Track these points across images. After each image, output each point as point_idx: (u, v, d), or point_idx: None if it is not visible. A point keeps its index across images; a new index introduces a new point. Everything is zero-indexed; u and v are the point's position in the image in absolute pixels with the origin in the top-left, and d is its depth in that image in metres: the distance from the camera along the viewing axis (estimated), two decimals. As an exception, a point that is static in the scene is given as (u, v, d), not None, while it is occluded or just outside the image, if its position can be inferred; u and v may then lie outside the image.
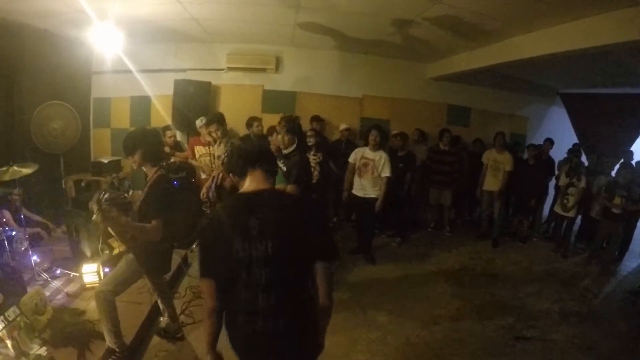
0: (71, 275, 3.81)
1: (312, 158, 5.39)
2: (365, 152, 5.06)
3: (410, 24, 4.79)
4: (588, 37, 3.85)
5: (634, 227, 6.00)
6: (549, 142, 7.03)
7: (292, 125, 3.92)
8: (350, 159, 5.15)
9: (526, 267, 5.61)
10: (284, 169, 3.55)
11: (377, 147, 5.00)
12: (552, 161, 6.96)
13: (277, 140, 4.01)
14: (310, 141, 5.49)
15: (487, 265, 5.56)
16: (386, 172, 4.92)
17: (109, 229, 2.60)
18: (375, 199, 4.96)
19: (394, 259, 5.47)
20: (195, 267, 4.48)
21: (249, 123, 6.01)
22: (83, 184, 5.24)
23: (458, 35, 5.11)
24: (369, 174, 4.99)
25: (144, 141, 2.61)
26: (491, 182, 6.37)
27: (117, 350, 2.64)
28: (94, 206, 2.35)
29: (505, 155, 6.27)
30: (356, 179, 5.11)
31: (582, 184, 5.94)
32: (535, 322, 4.05)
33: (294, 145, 3.79)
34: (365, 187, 5.04)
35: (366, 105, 7.46)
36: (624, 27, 3.44)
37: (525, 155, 6.82)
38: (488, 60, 5.44)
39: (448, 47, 5.93)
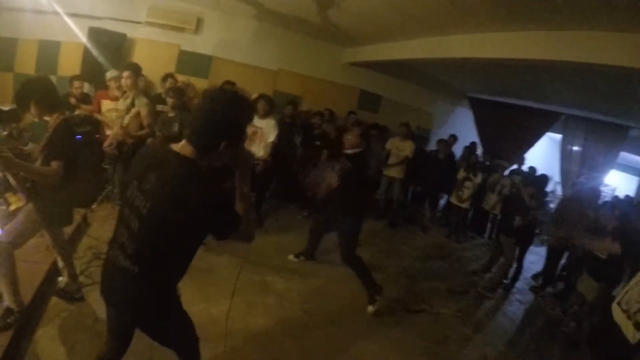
0: (-37, 231, 3.49)
1: None
2: (254, 120, 5.14)
3: (331, 5, 4.94)
4: (499, 48, 4.31)
5: None
6: (454, 138, 7.67)
7: None
8: None
9: (420, 249, 6.12)
10: None
11: (265, 115, 5.16)
12: (454, 156, 7.59)
13: None
14: None
15: (383, 243, 5.96)
16: (271, 137, 5.12)
17: (9, 179, 2.46)
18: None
19: (296, 229, 5.56)
20: (95, 228, 4.33)
21: (164, 78, 5.75)
22: (-21, 133, 4.74)
23: (377, 26, 5.37)
24: (257, 142, 5.13)
25: (34, 92, 2.53)
26: (392, 168, 6.72)
27: (16, 309, 2.53)
28: None
29: (407, 143, 6.66)
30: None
31: (478, 179, 6.63)
32: (425, 297, 4.51)
33: None
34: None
35: (281, 79, 7.60)
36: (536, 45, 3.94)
37: (429, 149, 7.36)
38: (402, 55, 5.84)
39: (365, 34, 6.19)
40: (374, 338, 3.53)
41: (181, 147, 1.55)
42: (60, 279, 3.12)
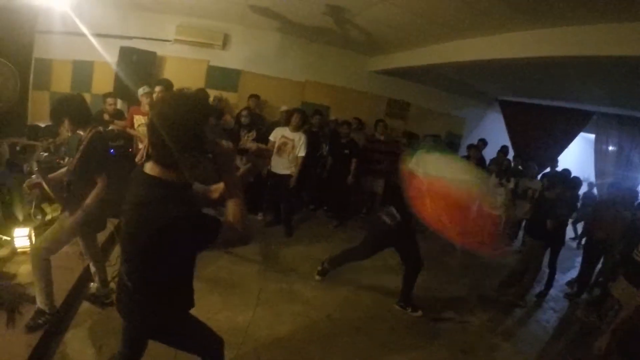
0: (2, 239, 3.70)
1: (247, 136, 5.75)
2: (286, 132, 5.27)
3: (351, 15, 5.01)
4: (522, 48, 4.23)
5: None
6: (483, 142, 7.48)
7: None
8: (271, 137, 5.33)
9: (450, 257, 5.95)
10: None
11: (298, 128, 5.24)
12: (484, 161, 7.41)
13: None
14: (245, 121, 5.85)
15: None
16: (302, 152, 5.20)
17: (47, 190, 2.60)
18: (289, 176, 5.24)
19: (325, 239, 5.65)
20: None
21: None
22: (18, 148, 5.02)
23: (400, 33, 5.39)
24: (287, 153, 5.24)
25: (68, 108, 2.65)
26: None
27: (47, 311, 2.63)
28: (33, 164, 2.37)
29: None
30: (274, 157, 5.30)
31: (511, 184, 6.45)
32: (453, 306, 4.40)
33: None
34: (280, 165, 5.30)
35: (308, 90, 7.66)
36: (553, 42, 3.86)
37: (461, 154, 7.20)
38: (427, 60, 5.78)
39: (388, 42, 6.19)
40: (400, 347, 3.47)
41: (150, 165, 1.47)
42: (91, 284, 3.25)
